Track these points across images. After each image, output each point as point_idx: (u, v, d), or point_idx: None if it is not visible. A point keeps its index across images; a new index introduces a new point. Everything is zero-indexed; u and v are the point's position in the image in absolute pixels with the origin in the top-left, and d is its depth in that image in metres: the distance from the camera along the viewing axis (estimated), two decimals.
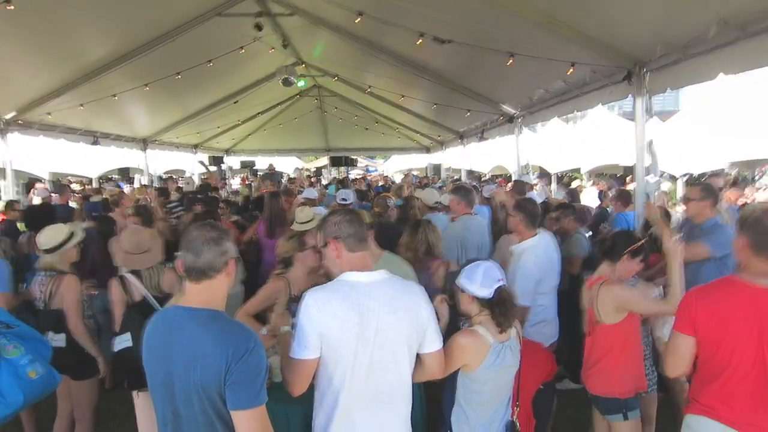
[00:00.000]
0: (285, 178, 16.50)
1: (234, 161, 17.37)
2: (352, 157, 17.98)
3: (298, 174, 17.08)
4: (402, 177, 16.32)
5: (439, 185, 11.02)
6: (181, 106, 10.94)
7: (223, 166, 16.68)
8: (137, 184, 13.01)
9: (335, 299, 1.90)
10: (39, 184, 14.89)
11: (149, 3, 6.12)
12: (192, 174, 15.42)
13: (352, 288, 1.93)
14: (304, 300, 1.93)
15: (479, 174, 18.59)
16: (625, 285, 2.97)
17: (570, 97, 6.44)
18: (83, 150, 11.97)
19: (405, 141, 16.19)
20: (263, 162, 16.64)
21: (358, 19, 5.71)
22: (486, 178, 17.70)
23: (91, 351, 3.37)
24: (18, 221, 5.92)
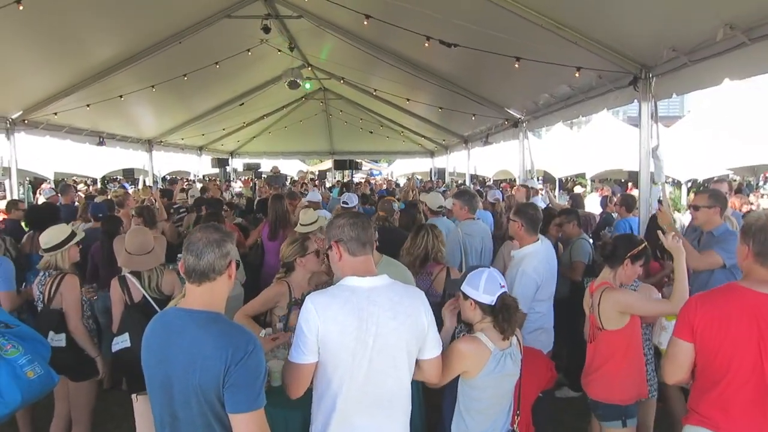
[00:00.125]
0: (289, 180, 16.53)
1: (238, 163, 17.42)
2: (356, 161, 17.99)
3: (302, 177, 17.08)
4: (405, 181, 16.31)
5: (443, 189, 11.01)
6: (187, 107, 10.99)
7: (228, 168, 16.74)
8: (141, 185, 13.04)
9: (335, 304, 1.89)
10: (45, 184, 15.00)
11: (158, 5, 6.16)
12: (195, 177, 15.47)
13: (352, 293, 1.92)
14: (304, 304, 1.93)
15: (483, 178, 18.57)
16: (627, 289, 2.94)
17: (575, 102, 6.42)
18: (88, 150, 12.04)
19: (409, 145, 16.20)
20: (268, 164, 16.69)
21: (365, 22, 5.71)
22: (489, 182, 17.67)
23: (91, 352, 3.35)
24: (21, 221, 5.93)
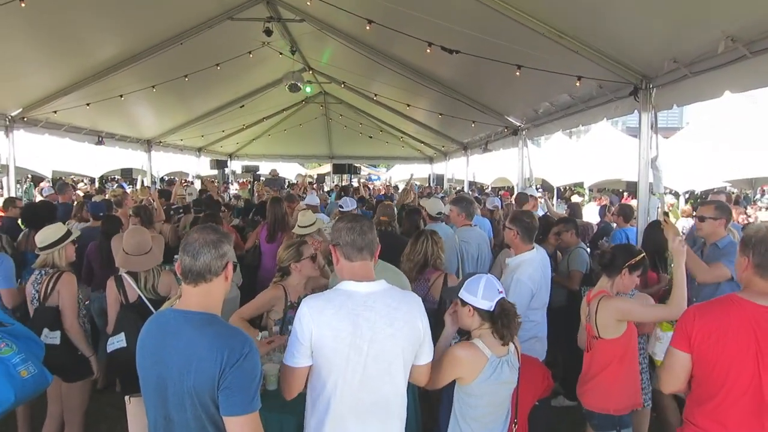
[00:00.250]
0: (287, 183, 16.51)
1: (237, 166, 17.41)
2: (355, 165, 17.98)
3: (300, 180, 17.09)
4: (404, 185, 16.27)
5: (441, 195, 11.01)
6: (187, 108, 10.99)
7: (227, 170, 16.70)
8: (139, 185, 13.01)
9: (330, 308, 1.89)
10: (43, 182, 14.94)
11: (160, 5, 6.16)
12: (194, 178, 15.44)
13: (348, 297, 1.91)
14: (299, 307, 1.93)
15: (481, 185, 18.58)
16: (624, 296, 2.94)
17: (575, 111, 6.44)
18: (87, 149, 12.00)
19: (409, 150, 16.22)
20: (266, 167, 16.68)
21: (368, 27, 5.73)
22: (488, 190, 17.68)
23: (85, 351, 3.33)
24: (18, 218, 5.89)
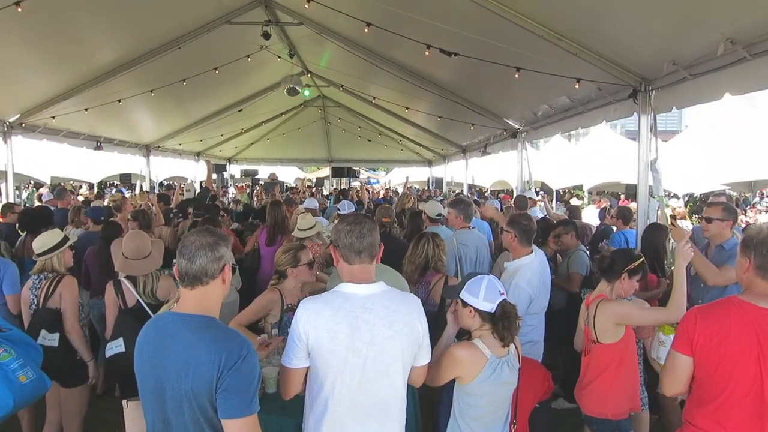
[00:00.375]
0: (285, 187, 16.50)
1: (236, 170, 17.41)
2: (354, 169, 17.99)
3: (299, 184, 17.09)
4: (402, 188, 16.28)
5: (440, 198, 11.01)
6: (186, 112, 10.98)
7: (225, 174, 16.70)
8: (138, 190, 12.99)
9: (327, 310, 1.89)
10: (42, 188, 14.92)
11: (158, 10, 6.16)
12: (193, 181, 15.42)
13: (346, 299, 1.91)
14: (297, 309, 1.94)
15: (481, 188, 18.60)
16: (622, 300, 2.92)
17: (574, 114, 6.44)
18: (86, 155, 11.98)
19: (407, 153, 16.22)
20: (265, 171, 16.68)
21: (366, 29, 5.73)
22: (487, 193, 17.69)
23: (84, 355, 3.32)
24: (16, 224, 5.86)
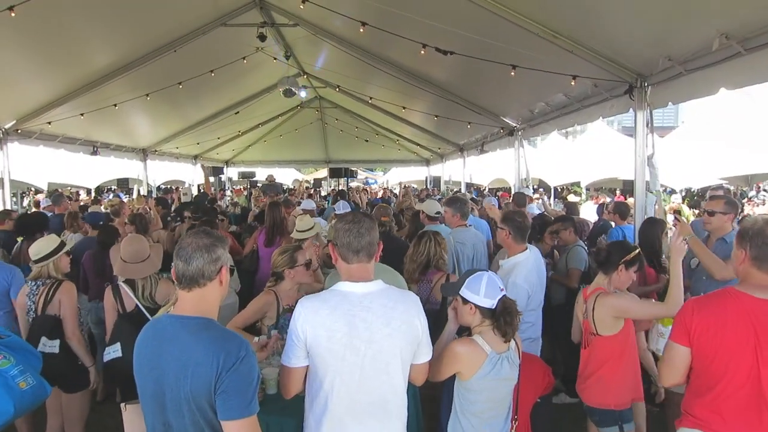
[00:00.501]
0: (285, 188, 16.48)
1: (233, 172, 17.39)
2: (351, 169, 17.98)
3: (297, 186, 17.07)
4: (401, 188, 16.31)
5: (438, 197, 11.01)
6: (182, 116, 10.96)
7: (223, 177, 16.68)
8: (136, 194, 12.97)
9: (325, 309, 1.90)
10: (39, 195, 14.89)
11: (152, 13, 6.14)
12: (191, 184, 15.39)
13: (344, 298, 1.92)
14: (295, 308, 1.94)
15: (479, 186, 18.62)
16: (621, 293, 2.92)
17: (571, 111, 6.45)
18: (82, 160, 11.96)
19: (405, 153, 16.22)
20: (263, 173, 16.67)
21: (361, 29, 5.73)
22: (485, 191, 17.70)
23: (85, 360, 3.31)
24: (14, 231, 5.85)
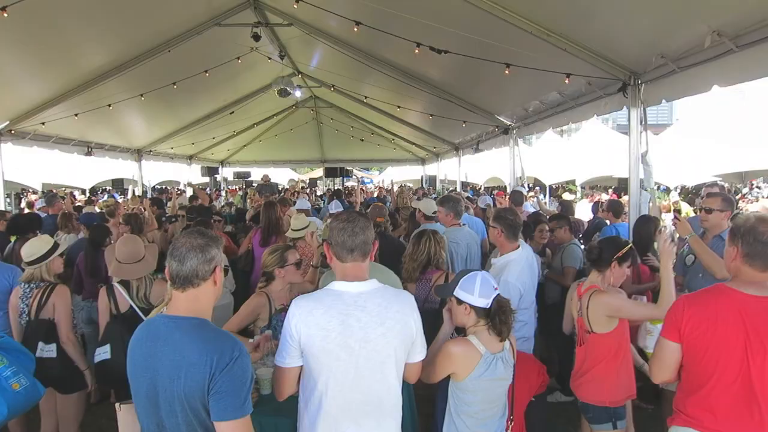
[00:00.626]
0: (280, 188, 16.47)
1: (229, 172, 17.34)
2: (347, 168, 17.97)
3: (292, 185, 17.05)
4: (397, 187, 16.31)
5: (435, 196, 11.02)
6: (177, 116, 10.93)
7: (218, 177, 16.63)
8: (131, 194, 12.91)
9: (318, 309, 1.89)
10: (32, 195, 14.79)
11: (147, 13, 6.12)
12: (185, 187, 15.34)
13: (338, 297, 1.91)
14: (289, 308, 1.94)
15: (474, 185, 18.64)
16: (615, 292, 2.92)
17: (565, 109, 6.47)
18: (77, 161, 11.90)
19: (400, 152, 16.22)
20: (258, 173, 16.63)
21: (355, 28, 5.73)
22: (481, 189, 17.73)
23: (80, 364, 3.28)
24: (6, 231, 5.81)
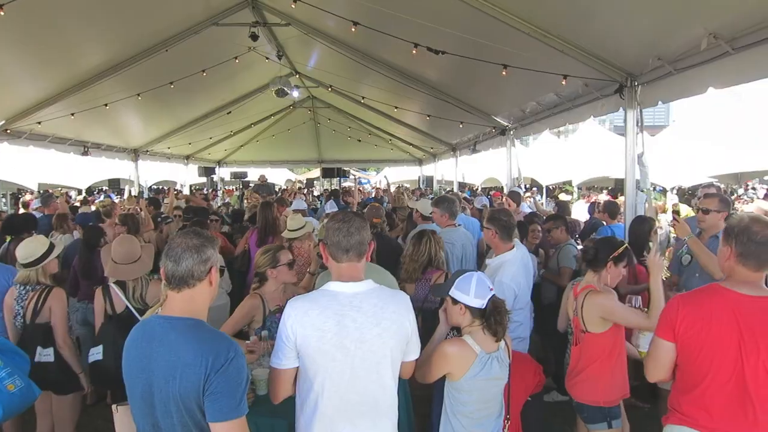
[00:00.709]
0: (277, 189, 16.44)
1: (226, 173, 17.31)
2: (344, 169, 17.97)
3: (289, 186, 17.03)
4: (395, 188, 16.31)
5: (432, 196, 11.03)
6: (174, 116, 10.89)
7: (215, 177, 16.59)
8: (127, 194, 12.87)
9: (314, 309, 1.89)
10: (27, 195, 14.71)
11: (144, 12, 6.09)
12: (182, 187, 15.30)
13: (333, 298, 1.91)
14: (285, 309, 1.93)
15: (471, 186, 18.66)
16: (610, 295, 2.92)
17: (562, 110, 6.49)
18: (73, 160, 11.86)
19: (398, 153, 16.22)
20: (255, 173, 16.61)
21: (353, 29, 5.73)
22: (478, 190, 17.74)
23: (75, 367, 3.26)
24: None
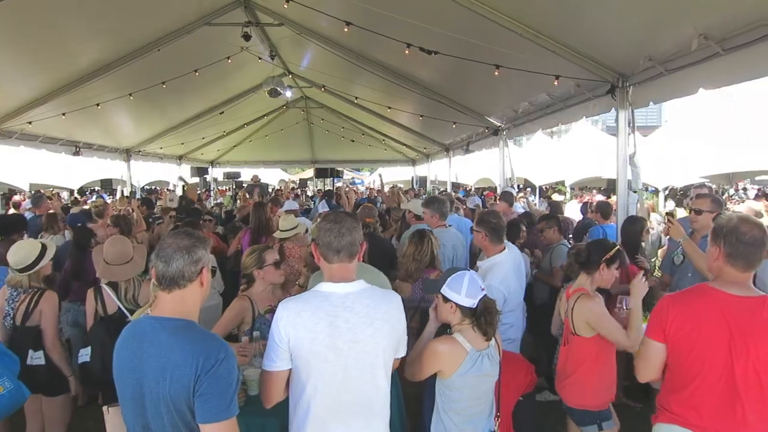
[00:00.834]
0: (270, 189, 16.40)
1: (219, 173, 17.24)
2: (337, 169, 17.95)
3: (283, 186, 16.99)
4: (389, 188, 16.32)
5: (425, 197, 11.03)
6: (166, 116, 10.83)
7: (208, 177, 16.52)
8: (119, 195, 12.79)
9: (306, 310, 1.88)
10: (16, 196, 14.58)
11: (136, 12, 6.05)
12: (175, 187, 15.21)
13: (325, 299, 1.91)
14: (276, 311, 1.92)
15: (465, 186, 18.72)
16: (600, 303, 2.91)
17: (554, 110, 6.52)
18: (65, 161, 11.76)
19: (391, 153, 16.23)
20: (248, 174, 16.55)
21: (346, 29, 5.73)
22: (471, 190, 17.79)
23: (65, 371, 3.24)
24: None
